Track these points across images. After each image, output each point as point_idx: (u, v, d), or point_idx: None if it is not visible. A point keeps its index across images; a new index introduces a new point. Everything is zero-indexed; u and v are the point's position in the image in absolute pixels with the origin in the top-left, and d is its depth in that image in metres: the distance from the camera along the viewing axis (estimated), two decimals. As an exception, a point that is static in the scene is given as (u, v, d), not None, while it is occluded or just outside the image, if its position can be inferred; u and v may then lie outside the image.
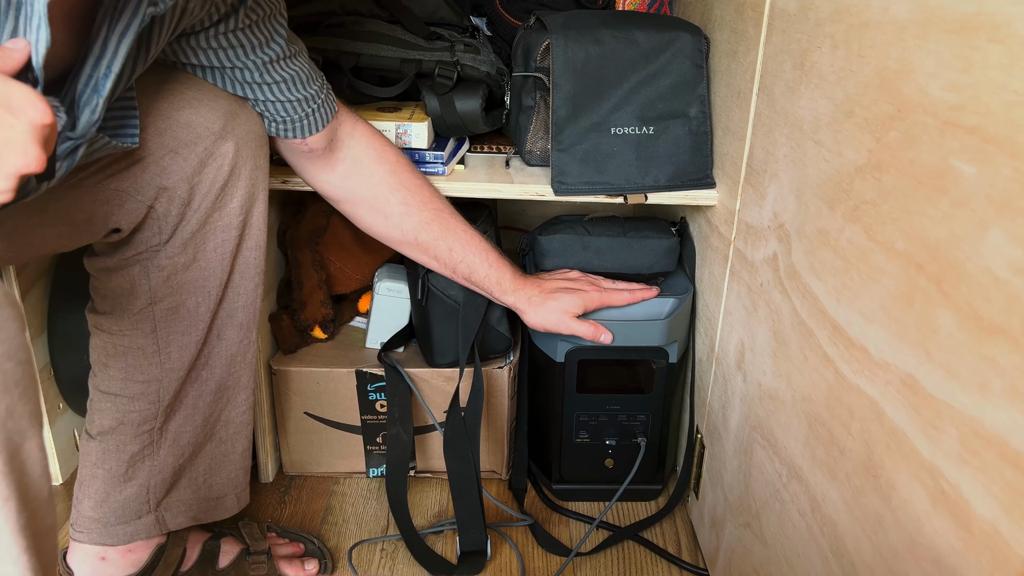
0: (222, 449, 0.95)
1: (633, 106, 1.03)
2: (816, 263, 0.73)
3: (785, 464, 0.80)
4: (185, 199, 0.79)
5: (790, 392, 0.78)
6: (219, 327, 0.89)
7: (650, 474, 1.18)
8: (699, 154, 1.04)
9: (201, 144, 0.78)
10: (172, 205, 0.79)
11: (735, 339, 0.96)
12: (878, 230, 0.61)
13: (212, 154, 0.79)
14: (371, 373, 1.14)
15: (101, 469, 0.89)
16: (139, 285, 0.82)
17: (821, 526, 0.71)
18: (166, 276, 0.82)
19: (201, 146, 0.78)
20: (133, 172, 0.76)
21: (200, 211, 0.81)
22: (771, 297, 0.84)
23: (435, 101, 1.06)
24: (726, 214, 0.99)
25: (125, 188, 0.76)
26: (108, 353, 0.86)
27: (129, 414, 0.87)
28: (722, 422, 1.01)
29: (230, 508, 0.98)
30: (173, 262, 0.82)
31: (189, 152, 0.78)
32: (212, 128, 0.79)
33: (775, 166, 0.83)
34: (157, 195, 0.78)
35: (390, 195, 0.95)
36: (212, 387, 0.91)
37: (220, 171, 0.80)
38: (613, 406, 1.12)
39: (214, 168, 0.80)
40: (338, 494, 1.20)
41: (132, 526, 0.91)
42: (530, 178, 1.06)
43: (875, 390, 0.61)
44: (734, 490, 0.96)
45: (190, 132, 0.78)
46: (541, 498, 1.20)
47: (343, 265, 1.21)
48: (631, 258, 1.08)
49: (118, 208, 0.77)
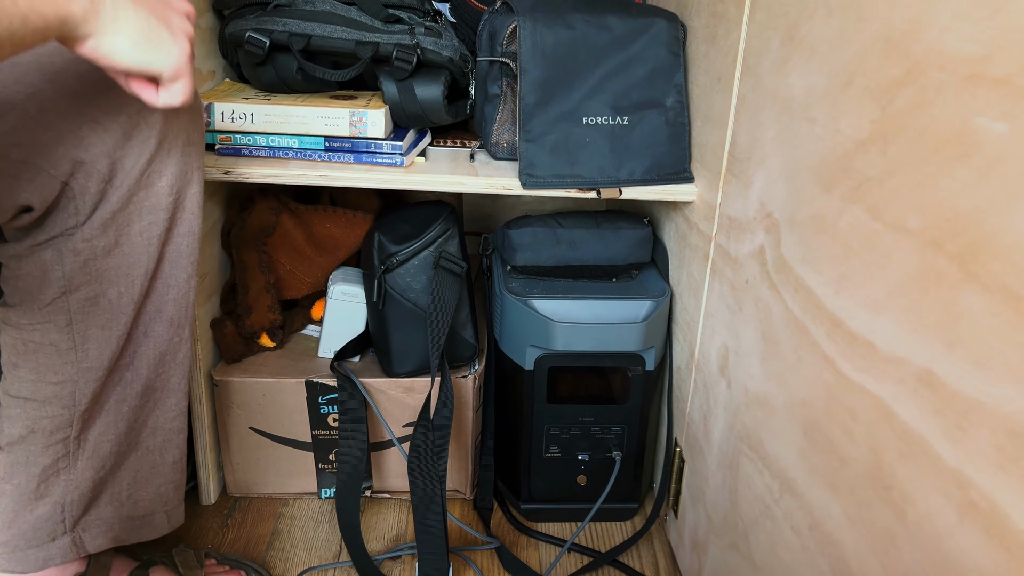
0: (149, 460, 0.85)
1: (606, 95, 0.96)
2: (810, 253, 0.66)
3: (777, 477, 0.72)
4: (105, 175, 0.70)
5: (782, 397, 0.71)
6: (146, 322, 0.79)
7: (626, 492, 1.09)
8: (676, 146, 0.97)
9: (125, 113, 0.69)
10: (90, 181, 0.70)
11: (717, 343, 0.88)
12: (885, 209, 0.54)
13: (137, 124, 0.70)
14: (323, 384, 1.04)
15: (8, 485, 0.78)
16: (51, 271, 0.72)
17: (821, 545, 0.63)
18: (83, 262, 0.73)
19: (125, 115, 0.70)
20: (45, 142, 0.67)
21: (123, 189, 0.72)
22: (758, 294, 0.77)
23: (393, 87, 0.98)
24: (706, 209, 0.93)
25: (36, 161, 0.67)
26: (17, 351, 0.76)
27: (40, 421, 0.77)
28: (703, 434, 0.93)
29: (159, 528, 0.88)
30: (91, 246, 0.72)
31: (111, 122, 0.69)
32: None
33: (761, 151, 0.77)
34: (73, 170, 0.69)
35: None
36: (137, 390, 0.81)
37: (147, 144, 0.71)
38: (586, 417, 1.04)
39: (140, 141, 0.71)
40: (287, 517, 1.10)
41: (44, 550, 0.80)
42: (496, 171, 0.99)
43: (884, 389, 0.54)
44: (718, 508, 0.88)
45: (112, 97, 0.69)
46: (508, 519, 1.11)
47: (293, 268, 1.12)
48: (606, 250, 1.00)
49: (28, 183, 0.67)
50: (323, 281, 1.15)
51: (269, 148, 0.97)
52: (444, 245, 1.01)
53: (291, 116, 0.95)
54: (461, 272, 1.00)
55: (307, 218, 1.12)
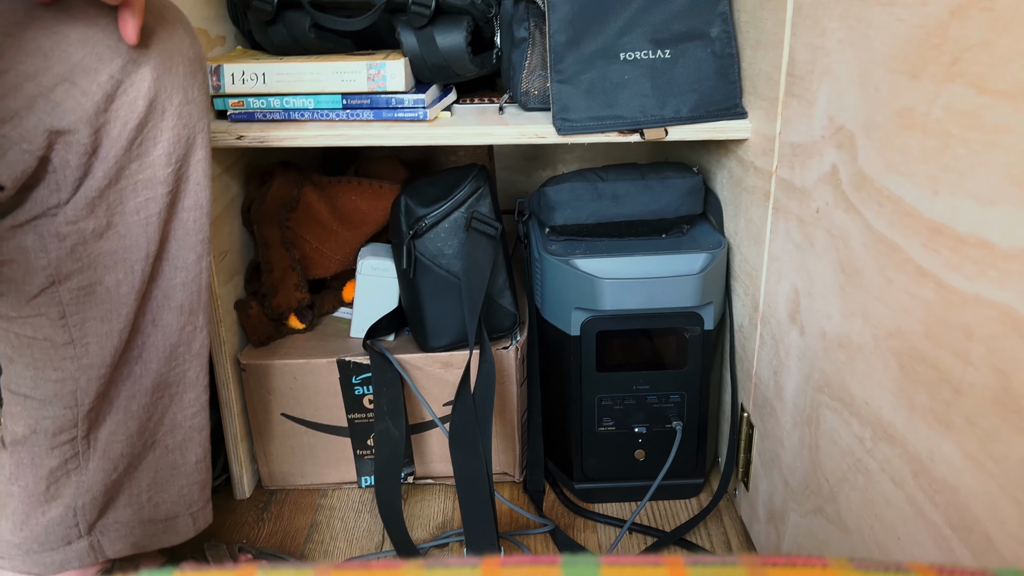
0: (168, 460, 0.78)
1: (644, 27, 0.87)
2: (897, 157, 0.56)
3: (868, 425, 0.63)
4: (88, 146, 0.62)
5: (868, 332, 0.62)
6: (153, 311, 0.72)
7: (689, 466, 1.00)
8: (725, 80, 0.89)
9: (105, 70, 0.61)
10: (71, 154, 0.62)
11: (785, 287, 0.79)
12: (994, 77, 0.45)
13: (121, 83, 0.62)
14: (355, 363, 0.97)
15: (16, 486, 0.72)
16: (35, 259, 0.65)
17: (930, 494, 0.54)
18: (70, 247, 0.65)
19: (105, 73, 0.61)
20: (13, 109, 0.59)
21: (110, 161, 0.64)
22: (832, 221, 0.67)
23: (412, 37, 0.91)
24: (763, 143, 0.83)
25: (5, 132, 0.59)
26: (12, 345, 0.69)
27: (42, 421, 0.71)
28: (774, 392, 0.84)
29: (183, 531, 0.81)
30: (78, 228, 0.65)
31: (89, 82, 0.61)
32: (119, 47, 0.62)
33: (826, 60, 0.68)
34: (50, 140, 0.61)
35: None
36: (147, 385, 0.74)
37: (135, 107, 0.63)
38: (641, 386, 0.95)
39: (126, 103, 0.63)
40: (325, 508, 1.03)
41: (60, 553, 0.74)
42: (529, 120, 0.91)
43: (1008, 293, 0.45)
44: (796, 471, 0.78)
45: (88, 52, 0.61)
46: (562, 501, 1.03)
47: (319, 244, 1.05)
48: (653, 202, 0.91)
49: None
50: (352, 259, 1.08)
51: (284, 110, 0.90)
52: (475, 205, 0.94)
53: (305, 73, 0.88)
54: (495, 233, 0.93)
55: (331, 191, 1.06)
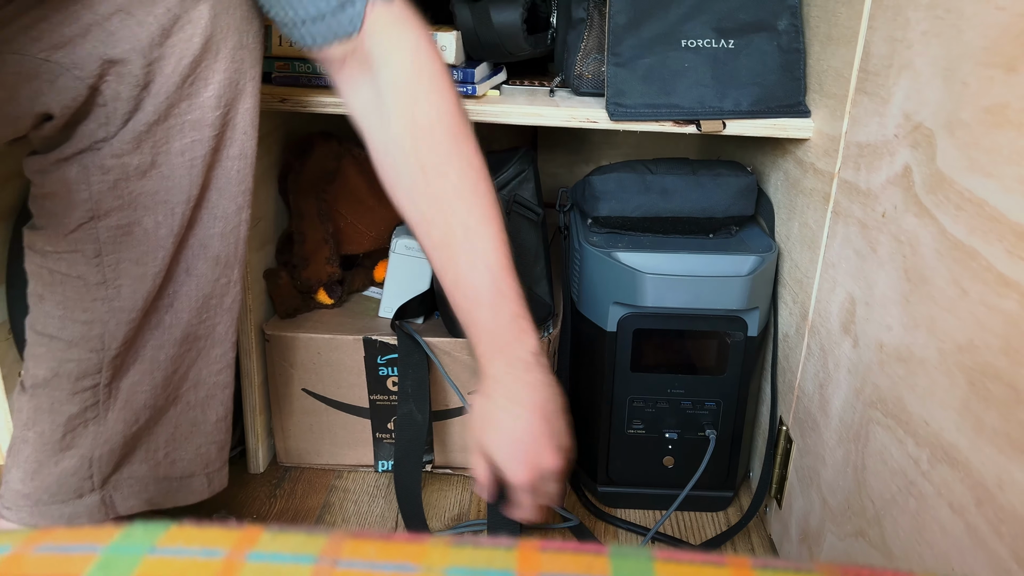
0: (189, 416, 0.76)
1: (708, 15, 0.84)
2: (983, 156, 0.52)
3: (925, 445, 0.58)
4: (140, 79, 0.61)
5: (934, 345, 0.57)
6: (188, 259, 0.70)
7: (719, 478, 0.96)
8: (789, 76, 0.84)
9: (162, 2, 0.60)
10: (122, 86, 0.61)
11: (840, 296, 0.75)
12: (1110, 67, 0.41)
13: (179, 19, 0.61)
14: (382, 342, 0.95)
15: (32, 432, 0.71)
16: (77, 192, 0.64)
17: (995, 524, 0.49)
18: (113, 182, 0.64)
19: (163, 5, 0.60)
20: (68, 36, 0.58)
21: (160, 97, 0.63)
22: (900, 226, 0.63)
23: (466, 11, 0.88)
24: (826, 143, 0.79)
25: (58, 58, 0.58)
26: (44, 282, 0.68)
27: (66, 364, 0.69)
28: (818, 406, 0.79)
29: (198, 491, 0.79)
30: (122, 163, 0.64)
31: (146, 13, 0.60)
32: None
33: (906, 54, 0.63)
34: (102, 70, 0.60)
35: (401, 163, 0.69)
36: (176, 336, 0.72)
37: (190, 44, 0.62)
38: (676, 389, 0.91)
39: (182, 39, 0.62)
40: (339, 489, 1.00)
41: (70, 507, 0.72)
42: (580, 104, 0.87)
43: (1109, 305, 0.40)
44: (838, 491, 0.74)
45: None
46: (583, 503, 0.99)
47: (355, 219, 1.03)
48: (703, 199, 0.88)
49: (49, 85, 0.59)
50: (386, 237, 1.05)
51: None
52: (518, 188, 0.91)
53: (354, 40, 0.86)
54: (536, 219, 0.89)
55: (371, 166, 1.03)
